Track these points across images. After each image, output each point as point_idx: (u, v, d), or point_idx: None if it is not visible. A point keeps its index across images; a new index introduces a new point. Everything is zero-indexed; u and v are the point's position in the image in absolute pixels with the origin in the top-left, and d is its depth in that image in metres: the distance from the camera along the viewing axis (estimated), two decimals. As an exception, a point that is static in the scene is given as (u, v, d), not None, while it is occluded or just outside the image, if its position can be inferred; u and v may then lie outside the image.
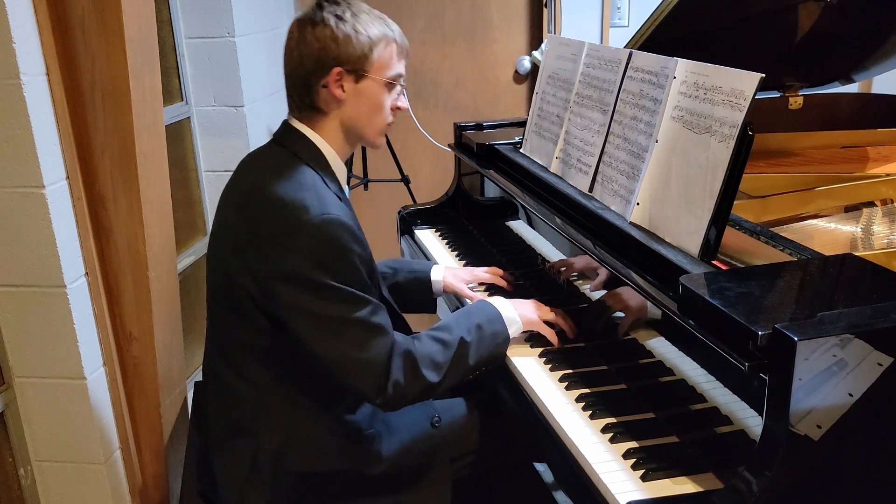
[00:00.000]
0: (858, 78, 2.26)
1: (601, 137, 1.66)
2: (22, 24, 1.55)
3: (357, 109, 1.49)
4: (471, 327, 1.51)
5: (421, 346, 1.45)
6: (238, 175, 1.54)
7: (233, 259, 1.45)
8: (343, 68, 1.45)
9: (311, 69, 1.45)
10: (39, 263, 1.70)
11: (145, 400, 1.92)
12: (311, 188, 1.41)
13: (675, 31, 1.86)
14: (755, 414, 1.13)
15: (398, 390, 1.40)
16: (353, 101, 1.48)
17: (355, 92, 1.47)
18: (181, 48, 2.63)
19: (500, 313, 1.56)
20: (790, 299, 1.16)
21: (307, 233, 1.36)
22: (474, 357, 1.49)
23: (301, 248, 1.36)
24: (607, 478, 1.20)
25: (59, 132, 1.67)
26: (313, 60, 1.44)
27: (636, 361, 1.43)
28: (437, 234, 2.30)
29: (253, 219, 1.42)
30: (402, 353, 1.42)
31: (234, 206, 1.49)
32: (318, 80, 1.46)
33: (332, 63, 1.44)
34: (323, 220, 1.36)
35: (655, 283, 1.32)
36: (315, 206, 1.37)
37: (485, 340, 1.51)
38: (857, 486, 1.11)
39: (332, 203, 1.41)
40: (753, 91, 1.27)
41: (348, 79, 1.46)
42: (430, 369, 1.43)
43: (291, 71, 1.48)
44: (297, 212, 1.37)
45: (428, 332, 1.50)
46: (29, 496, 1.89)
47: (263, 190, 1.43)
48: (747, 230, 1.45)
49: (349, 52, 1.44)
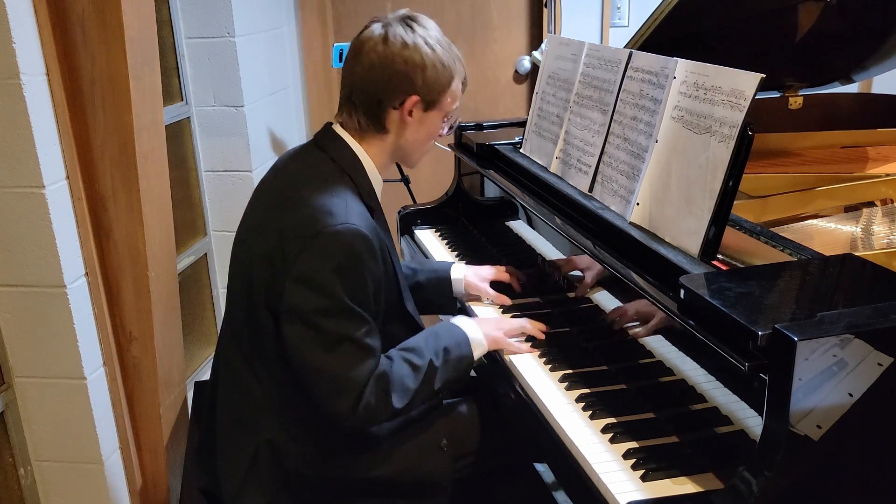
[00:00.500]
0: (858, 78, 2.26)
1: (601, 137, 1.66)
2: (22, 24, 1.55)
3: (415, 136, 1.53)
4: (439, 351, 1.51)
5: (394, 370, 1.45)
6: (275, 173, 1.56)
7: (258, 258, 1.45)
8: (421, 98, 1.47)
9: (390, 90, 1.46)
10: (39, 263, 1.70)
11: (145, 400, 1.92)
12: (342, 197, 1.43)
13: (675, 31, 1.86)
14: (755, 414, 1.13)
15: (368, 412, 1.41)
16: (416, 127, 1.51)
17: (420, 119, 1.51)
18: (181, 48, 2.63)
19: (467, 336, 1.56)
20: (790, 299, 1.16)
21: (327, 237, 1.37)
22: (439, 381, 1.50)
23: (318, 250, 1.37)
24: (607, 478, 1.20)
25: (59, 132, 1.67)
26: (396, 82, 1.45)
27: (636, 361, 1.43)
28: (437, 234, 2.30)
29: (282, 220, 1.43)
30: (377, 376, 1.42)
31: (267, 204, 1.50)
32: (394, 101, 1.47)
33: (414, 90, 1.46)
34: (344, 228, 1.37)
35: (655, 283, 1.32)
36: (340, 214, 1.39)
37: (450, 364, 1.52)
38: (857, 486, 1.11)
39: (358, 214, 1.42)
40: (753, 91, 1.27)
41: (419, 107, 1.48)
42: (400, 395, 1.44)
43: (367, 83, 1.47)
44: (322, 216, 1.38)
45: (400, 354, 1.49)
46: (29, 496, 1.90)
47: (297, 192, 1.44)
48: (747, 230, 1.45)
49: (432, 84, 1.47)
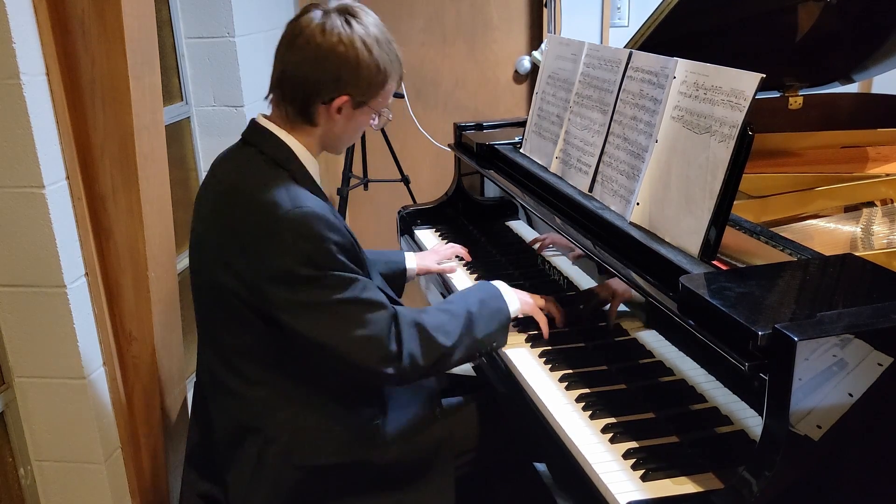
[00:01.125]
0: (858, 78, 2.26)
1: (601, 137, 1.66)
2: (22, 24, 1.55)
3: (343, 130, 1.50)
4: (475, 301, 1.54)
5: (430, 318, 1.48)
6: (211, 178, 1.54)
7: (217, 263, 1.44)
8: (351, 97, 1.44)
9: (319, 85, 1.42)
10: (39, 263, 1.70)
11: (145, 400, 1.92)
12: (281, 185, 1.41)
13: (675, 31, 1.86)
14: (755, 414, 1.13)
15: (413, 361, 1.42)
16: (344, 123, 1.48)
17: (349, 116, 1.48)
18: (181, 48, 2.63)
19: (500, 292, 1.59)
20: (790, 299, 1.16)
21: (283, 228, 1.36)
22: (482, 330, 1.52)
23: (280, 245, 1.36)
24: (607, 478, 1.20)
25: (59, 132, 1.67)
26: (328, 79, 1.41)
27: (636, 361, 1.43)
28: (437, 234, 2.30)
29: (230, 222, 1.42)
30: (411, 324, 1.44)
31: (210, 210, 1.49)
32: (322, 97, 1.44)
33: (345, 90, 1.43)
34: (296, 213, 1.36)
35: (655, 283, 1.32)
36: (286, 201, 1.37)
37: (489, 314, 1.54)
38: (857, 486, 1.11)
39: (304, 196, 1.41)
40: (753, 91, 1.27)
41: (349, 105, 1.45)
42: (443, 336, 1.46)
43: (296, 75, 1.43)
44: (271, 209, 1.37)
45: (435, 306, 1.53)
46: (29, 496, 1.89)
47: (237, 192, 1.43)
48: (747, 230, 1.45)
49: (364, 86, 1.44)
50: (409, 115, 3.22)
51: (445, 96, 3.39)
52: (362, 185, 3.18)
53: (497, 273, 1.97)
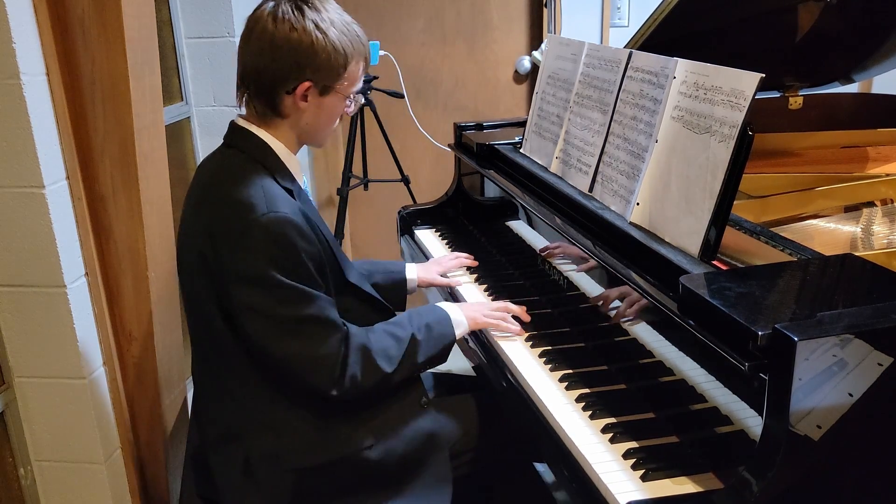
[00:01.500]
0: (858, 78, 2.26)
1: (601, 137, 1.66)
2: (22, 24, 1.55)
3: (315, 119, 1.48)
4: (421, 326, 1.54)
5: (376, 340, 1.48)
6: (194, 182, 1.54)
7: (196, 266, 1.44)
8: (313, 83, 1.42)
9: (279, 75, 1.41)
10: (39, 263, 1.70)
11: (145, 400, 1.92)
12: (259, 185, 1.40)
13: (675, 31, 1.86)
14: (755, 414, 1.13)
15: (354, 383, 1.44)
16: (313, 111, 1.46)
17: (317, 104, 1.45)
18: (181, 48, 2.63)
19: (449, 316, 1.59)
20: (790, 299, 1.16)
21: (255, 231, 1.35)
22: (423, 355, 1.53)
23: (250, 246, 1.36)
24: (607, 478, 1.20)
25: (59, 132, 1.67)
26: (285, 68, 1.40)
27: (636, 361, 1.43)
28: (437, 234, 2.30)
29: (207, 221, 1.42)
30: (358, 348, 1.44)
31: (190, 213, 1.49)
32: (284, 87, 1.42)
33: (304, 76, 1.41)
34: (269, 218, 1.36)
35: (655, 283, 1.32)
36: (262, 204, 1.37)
37: (433, 340, 1.55)
38: (857, 486, 1.11)
39: (281, 200, 1.40)
40: (753, 91, 1.27)
41: (314, 92, 1.43)
42: (385, 361, 1.47)
43: (256, 69, 1.42)
44: (245, 211, 1.36)
45: (382, 327, 1.53)
46: (29, 496, 1.90)
47: (214, 191, 1.43)
48: (747, 230, 1.45)
49: (324, 69, 1.41)
50: (409, 115, 3.22)
51: (445, 96, 3.39)
52: (362, 185, 3.18)
53: (498, 273, 1.97)
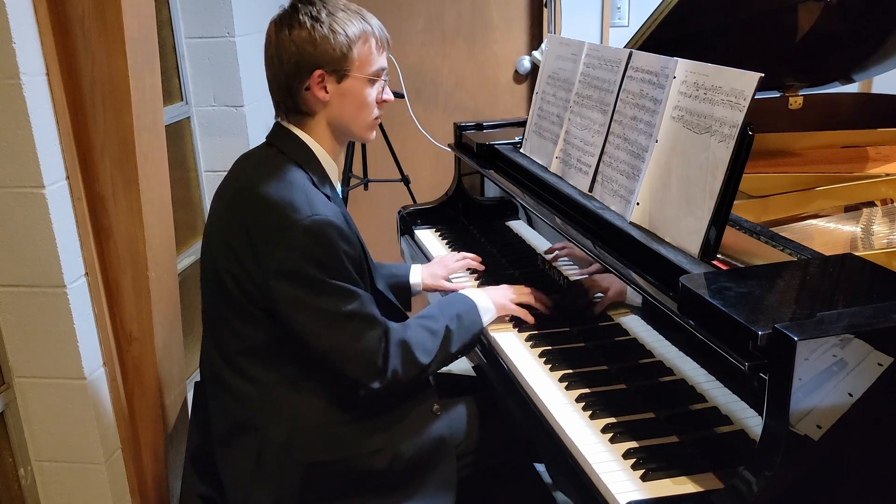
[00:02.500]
0: (858, 78, 2.26)
1: (601, 137, 1.66)
2: (22, 24, 1.55)
3: (342, 109, 1.51)
4: (452, 317, 1.59)
5: (413, 335, 1.52)
6: (230, 176, 1.56)
7: (226, 259, 1.46)
8: (324, 70, 1.46)
9: (291, 73, 1.46)
10: (39, 263, 1.70)
11: (145, 400, 1.92)
12: (301, 189, 1.43)
13: (675, 31, 1.86)
14: (755, 414, 1.13)
15: (396, 376, 1.48)
16: (338, 101, 1.49)
17: (339, 92, 1.49)
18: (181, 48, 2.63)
19: (476, 304, 1.64)
20: (790, 299, 1.16)
21: (297, 232, 1.38)
22: (456, 345, 1.57)
23: (292, 245, 1.38)
24: (607, 478, 1.20)
25: (59, 132, 1.67)
26: (293, 64, 1.45)
27: (636, 361, 1.43)
28: (437, 234, 2.30)
29: (244, 218, 1.44)
30: (398, 343, 1.48)
31: (225, 206, 1.51)
32: (300, 83, 1.47)
33: (312, 66, 1.45)
34: (312, 220, 1.39)
35: (655, 283, 1.32)
36: (304, 206, 1.40)
37: (464, 329, 1.60)
38: (858, 486, 1.11)
39: (321, 203, 1.43)
40: (753, 91, 1.27)
41: (330, 80, 1.47)
42: (423, 354, 1.51)
43: (273, 75, 1.50)
44: (287, 212, 1.39)
45: (417, 321, 1.57)
46: (29, 496, 1.90)
47: (254, 190, 1.44)
48: (747, 230, 1.45)
49: (328, 54, 1.44)
50: (409, 115, 3.22)
51: (445, 96, 3.39)
52: (362, 185, 3.18)
53: (498, 274, 1.97)
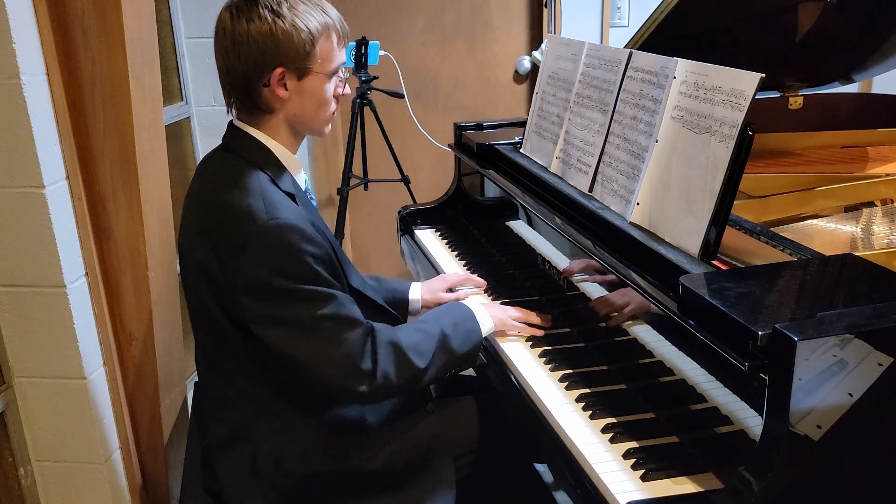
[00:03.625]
0: (858, 78, 2.26)
1: (601, 137, 1.66)
2: (22, 24, 1.55)
3: (302, 106, 1.45)
4: (447, 323, 1.54)
5: (405, 336, 1.46)
6: (192, 185, 1.52)
7: (198, 273, 1.43)
8: (285, 68, 1.39)
9: (250, 69, 1.39)
10: (39, 263, 1.70)
11: (145, 400, 1.92)
12: (258, 193, 1.38)
13: (675, 31, 1.86)
14: (755, 414, 1.13)
15: (388, 381, 1.41)
16: (297, 98, 1.43)
17: (298, 89, 1.42)
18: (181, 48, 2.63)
19: (472, 312, 1.59)
20: (790, 299, 1.16)
21: (257, 241, 1.33)
22: (454, 352, 1.51)
23: (254, 257, 1.34)
24: (607, 478, 1.20)
25: (59, 132, 1.67)
26: (252, 61, 1.38)
27: (636, 361, 1.43)
28: (437, 234, 2.30)
29: (207, 230, 1.40)
30: (388, 343, 1.43)
31: (191, 219, 1.47)
32: (259, 80, 1.40)
33: (274, 64, 1.38)
34: (270, 225, 1.33)
35: (655, 283, 1.32)
36: (262, 211, 1.34)
37: (461, 335, 1.54)
38: (858, 486, 1.11)
39: (281, 206, 1.37)
40: (753, 91, 1.27)
41: (291, 77, 1.41)
42: (417, 356, 1.45)
43: (228, 70, 1.41)
44: (245, 220, 1.34)
45: (409, 325, 1.53)
46: (29, 496, 1.90)
47: (213, 199, 1.41)
48: (747, 230, 1.45)
49: (290, 51, 1.38)
50: (409, 115, 3.22)
51: (445, 96, 3.39)
52: (362, 185, 3.18)
53: (498, 274, 1.97)
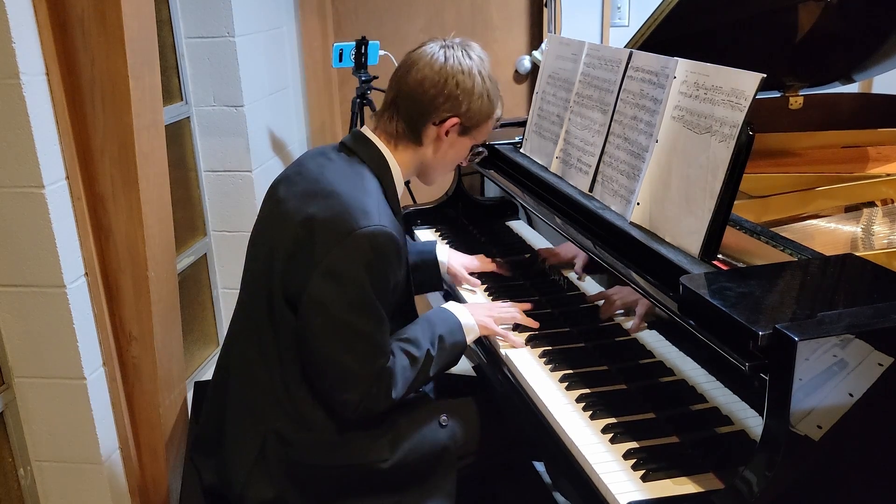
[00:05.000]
0: (858, 78, 2.26)
1: (601, 137, 1.66)
2: (22, 24, 1.55)
3: (444, 156, 1.59)
4: (435, 340, 1.55)
5: (396, 365, 1.49)
6: (303, 167, 1.57)
7: (281, 247, 1.47)
8: (461, 121, 1.53)
9: (436, 105, 1.51)
10: (39, 263, 1.70)
11: (145, 400, 1.92)
12: (375, 197, 1.46)
13: (675, 31, 1.86)
14: (755, 414, 1.13)
15: (370, 404, 1.46)
16: (447, 148, 1.57)
17: (453, 142, 1.57)
18: (181, 48, 2.63)
19: (460, 323, 1.61)
20: (790, 299, 1.16)
21: (360, 237, 1.39)
22: (434, 369, 1.55)
23: (351, 248, 1.40)
24: (608, 478, 1.20)
25: (58, 132, 1.67)
26: (442, 99, 1.51)
27: (636, 361, 1.43)
28: (437, 234, 2.30)
29: (315, 211, 1.44)
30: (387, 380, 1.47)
31: (297, 195, 1.50)
32: (436, 117, 1.53)
33: (458, 112, 1.52)
34: (377, 229, 1.40)
35: (655, 283, 1.32)
36: (374, 214, 1.42)
37: (445, 351, 1.56)
38: (858, 486, 1.11)
39: (388, 217, 1.46)
40: (754, 91, 1.27)
41: (456, 129, 1.55)
42: (399, 388, 1.48)
43: (418, 93, 1.51)
44: (357, 215, 1.41)
45: (399, 346, 1.53)
46: (28, 496, 1.89)
47: (329, 186, 1.47)
48: (747, 230, 1.45)
49: (475, 112, 1.54)
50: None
51: (445, 96, 3.38)
52: (362, 185, 3.18)
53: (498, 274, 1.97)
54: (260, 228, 1.59)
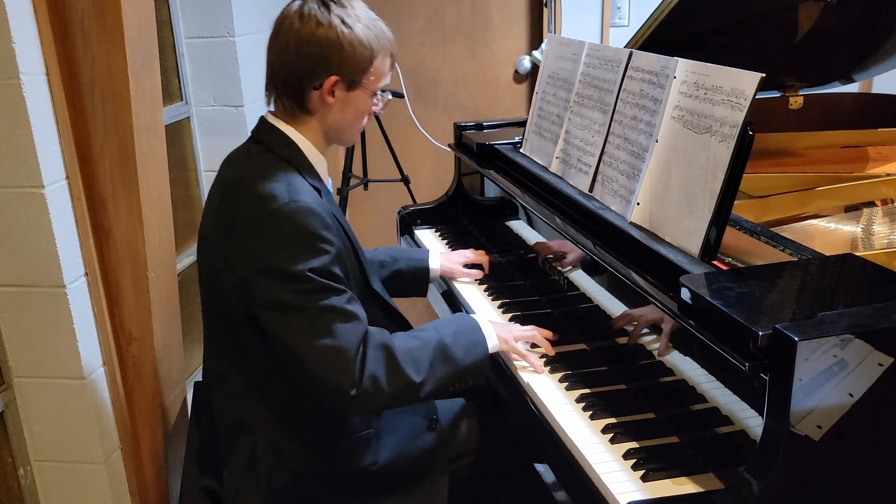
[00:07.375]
0: (859, 78, 2.26)
1: (601, 137, 1.66)
2: (22, 24, 1.55)
3: (342, 116, 1.48)
4: (448, 331, 1.48)
5: (399, 342, 1.41)
6: (218, 176, 1.54)
7: (217, 258, 1.45)
8: (340, 77, 1.42)
9: (306, 71, 1.41)
10: (39, 263, 1.69)
11: (145, 400, 1.92)
12: (283, 179, 1.40)
13: (675, 31, 1.86)
14: (755, 414, 1.13)
15: (375, 385, 1.35)
16: (340, 107, 1.46)
17: (344, 99, 1.45)
18: (181, 48, 2.62)
19: (479, 324, 1.53)
20: (790, 299, 1.16)
21: (277, 221, 1.35)
22: (457, 361, 1.45)
23: (272, 237, 1.35)
24: (608, 478, 1.20)
25: (58, 132, 1.67)
26: (312, 63, 1.40)
27: (636, 361, 1.43)
28: (436, 234, 2.30)
29: (229, 215, 1.42)
30: (378, 345, 1.38)
31: (213, 207, 1.49)
32: (311, 82, 1.42)
33: (331, 71, 1.41)
34: (291, 206, 1.35)
35: (655, 283, 1.32)
36: (283, 194, 1.36)
37: (463, 346, 1.47)
38: (858, 487, 1.11)
39: (304, 192, 1.39)
40: (754, 91, 1.27)
41: (341, 87, 1.44)
42: (411, 366, 1.38)
43: (283, 65, 1.43)
44: (267, 201, 1.36)
45: (406, 332, 1.49)
46: (29, 496, 1.89)
47: (238, 186, 1.43)
48: (747, 230, 1.45)
49: (350, 63, 1.41)
50: (409, 115, 3.22)
51: (445, 96, 3.38)
52: (362, 185, 3.18)
53: (498, 274, 1.97)
54: (200, 246, 1.54)
